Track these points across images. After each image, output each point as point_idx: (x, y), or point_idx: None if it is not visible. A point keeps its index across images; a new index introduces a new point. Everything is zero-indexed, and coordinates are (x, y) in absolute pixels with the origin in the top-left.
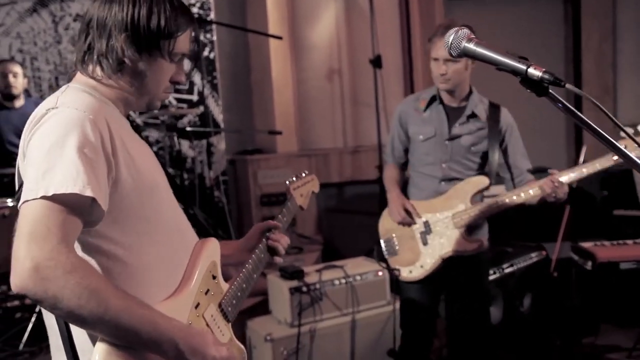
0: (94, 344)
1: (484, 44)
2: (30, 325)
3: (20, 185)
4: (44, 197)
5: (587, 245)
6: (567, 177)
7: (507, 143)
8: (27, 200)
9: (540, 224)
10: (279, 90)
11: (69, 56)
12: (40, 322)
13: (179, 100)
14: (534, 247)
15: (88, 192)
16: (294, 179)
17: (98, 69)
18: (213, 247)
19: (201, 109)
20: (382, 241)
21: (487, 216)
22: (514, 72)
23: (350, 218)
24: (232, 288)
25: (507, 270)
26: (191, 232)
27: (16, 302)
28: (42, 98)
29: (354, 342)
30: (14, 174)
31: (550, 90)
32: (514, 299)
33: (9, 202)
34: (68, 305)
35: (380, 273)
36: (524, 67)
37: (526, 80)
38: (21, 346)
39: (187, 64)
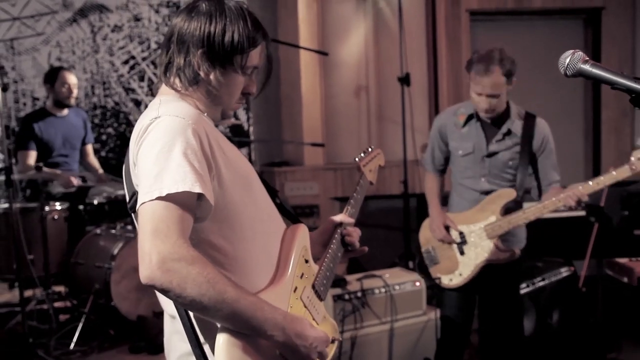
0: (206, 331)
1: (599, 66)
2: (80, 326)
3: (132, 194)
4: (159, 198)
5: (623, 260)
6: (587, 188)
7: (540, 155)
8: (145, 202)
9: (565, 241)
10: (308, 104)
11: (105, 65)
12: (88, 322)
13: None
14: (562, 262)
15: (197, 189)
16: (362, 155)
17: (177, 81)
18: (303, 233)
19: (232, 120)
20: (423, 251)
21: (516, 226)
22: (629, 90)
23: (373, 232)
24: (321, 269)
25: (539, 284)
26: (280, 220)
27: (60, 304)
28: (78, 106)
29: (391, 350)
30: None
31: None
32: (545, 313)
33: (58, 206)
34: (190, 294)
35: (417, 283)
36: None
37: (638, 98)
38: (72, 345)
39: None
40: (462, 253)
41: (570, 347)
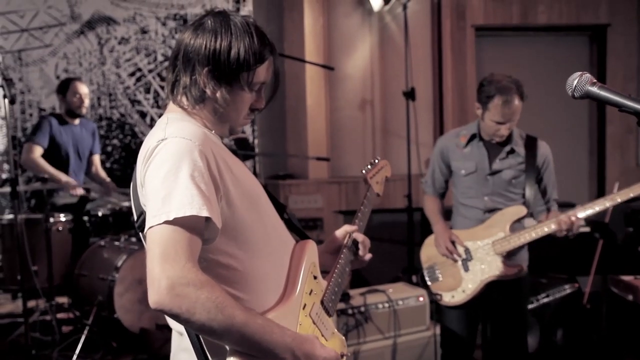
0: (214, 349)
1: (607, 88)
2: (83, 337)
3: (140, 214)
4: (167, 222)
5: (628, 278)
6: (584, 213)
7: (542, 175)
8: (152, 226)
9: (569, 257)
10: (313, 117)
11: (112, 77)
12: (91, 334)
13: None
14: (566, 279)
15: (204, 213)
16: (369, 167)
17: (184, 99)
18: (312, 249)
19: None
20: (424, 268)
21: (524, 244)
22: (637, 113)
23: (377, 245)
24: (330, 285)
25: (544, 301)
26: (288, 235)
27: (63, 315)
28: (84, 117)
29: None
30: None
31: None
32: (549, 329)
33: (62, 217)
34: (199, 319)
35: (421, 298)
36: None
37: None
38: (74, 357)
39: None
40: (466, 270)
41: None
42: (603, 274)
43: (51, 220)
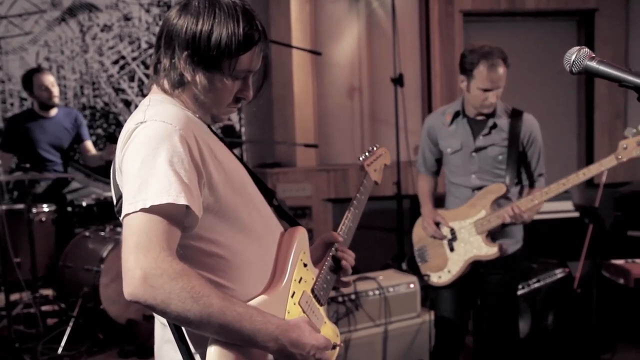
0: (196, 340)
1: (606, 62)
2: (69, 330)
3: (119, 199)
4: (143, 210)
5: (619, 262)
6: (525, 205)
7: (528, 148)
8: (128, 214)
9: (560, 242)
10: (300, 105)
11: (95, 65)
12: (77, 326)
13: None
14: (557, 264)
15: (181, 201)
16: (367, 154)
17: (165, 82)
18: (302, 236)
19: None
20: (415, 249)
21: (504, 222)
22: (637, 88)
23: (366, 233)
24: (322, 273)
25: (534, 286)
26: (276, 222)
27: (48, 307)
28: (67, 106)
29: (385, 352)
30: (47, 180)
31: None
32: (540, 314)
33: (45, 208)
34: (175, 310)
35: (412, 285)
36: None
37: None
38: (60, 350)
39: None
40: (451, 250)
41: (565, 348)
42: (593, 259)
43: (34, 210)
